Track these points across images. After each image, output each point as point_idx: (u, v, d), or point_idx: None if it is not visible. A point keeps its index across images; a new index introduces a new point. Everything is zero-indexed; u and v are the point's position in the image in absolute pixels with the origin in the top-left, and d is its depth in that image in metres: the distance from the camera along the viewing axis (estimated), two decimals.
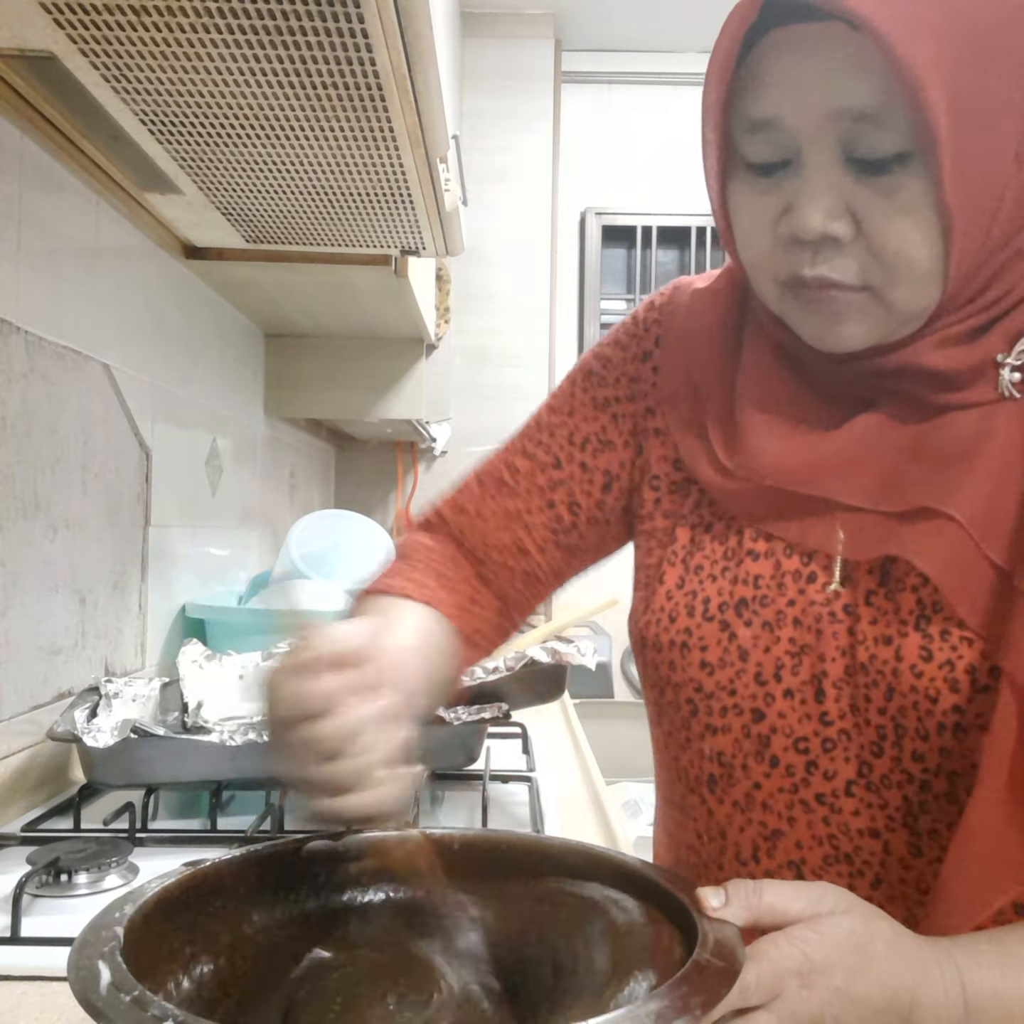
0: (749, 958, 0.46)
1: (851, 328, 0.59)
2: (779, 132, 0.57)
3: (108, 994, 0.41)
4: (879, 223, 0.55)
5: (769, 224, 0.59)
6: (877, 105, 0.53)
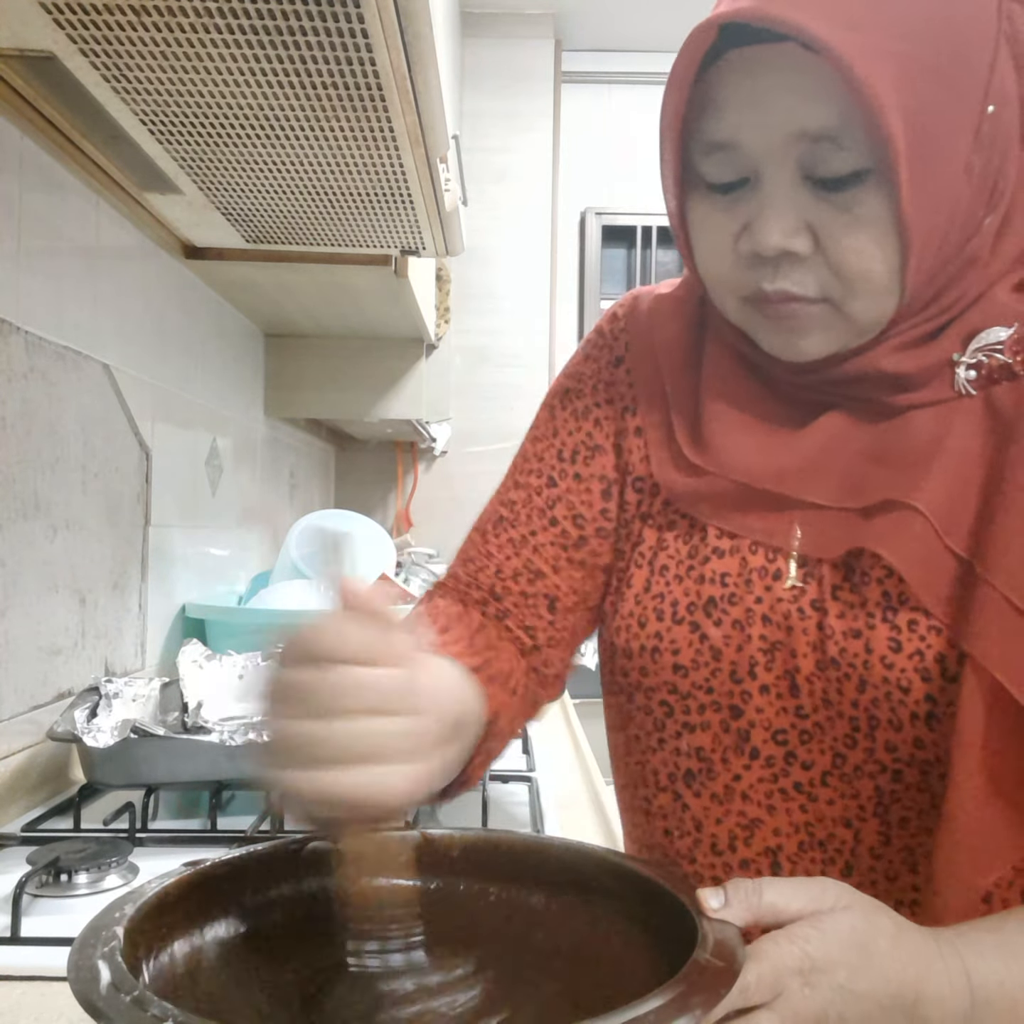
0: (749, 957, 0.46)
1: (812, 339, 0.60)
2: (737, 153, 0.58)
3: (108, 994, 0.41)
4: (837, 238, 0.56)
5: (729, 241, 0.60)
6: (835, 126, 0.54)
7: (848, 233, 0.56)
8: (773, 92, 0.55)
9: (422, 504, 2.85)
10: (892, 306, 0.58)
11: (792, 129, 0.55)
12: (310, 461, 2.61)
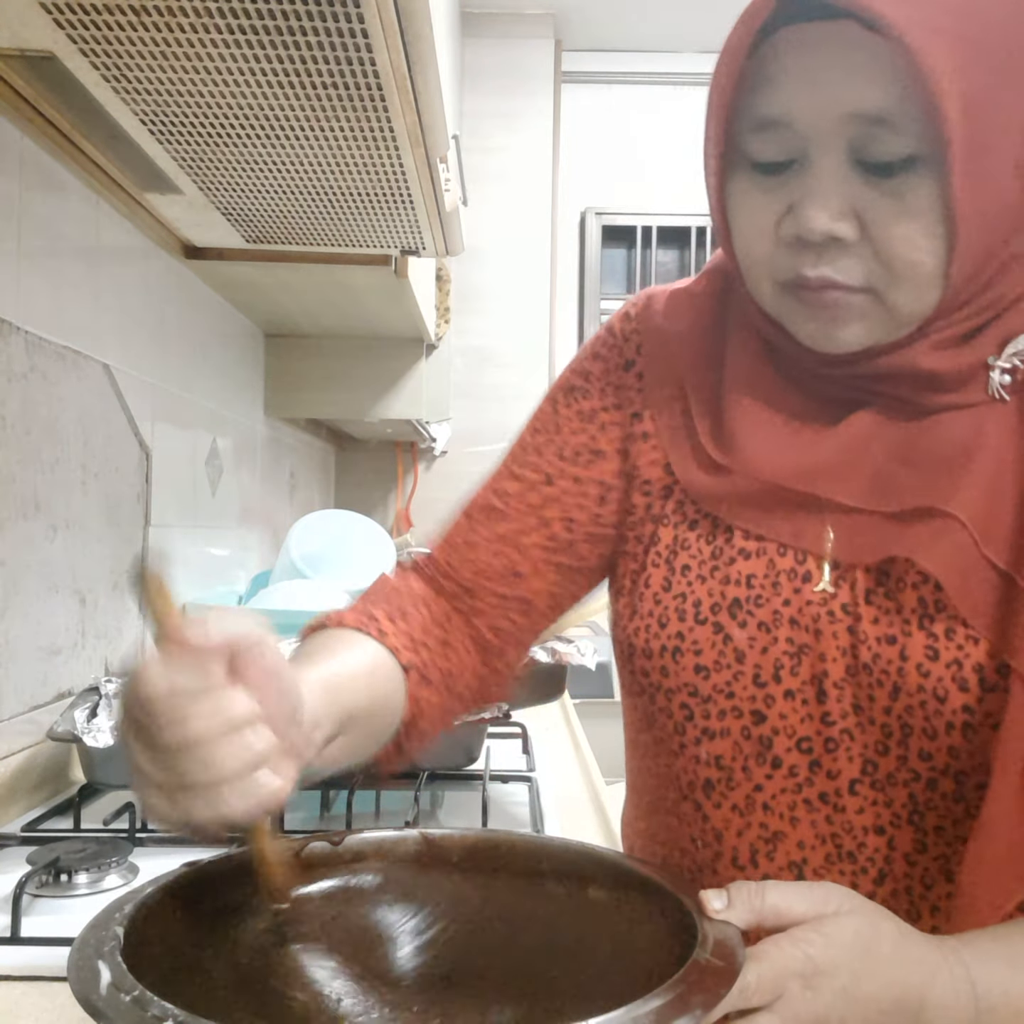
0: (750, 958, 0.46)
1: (850, 330, 0.59)
2: (787, 131, 0.56)
3: (108, 994, 0.41)
4: (885, 225, 0.55)
5: (772, 223, 0.58)
6: (892, 108, 0.52)
7: (897, 221, 0.55)
8: (829, 70, 0.53)
9: (422, 504, 2.85)
10: (935, 299, 0.57)
11: (847, 109, 0.53)
12: (310, 461, 2.61)
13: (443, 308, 2.48)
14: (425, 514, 2.84)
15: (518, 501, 0.74)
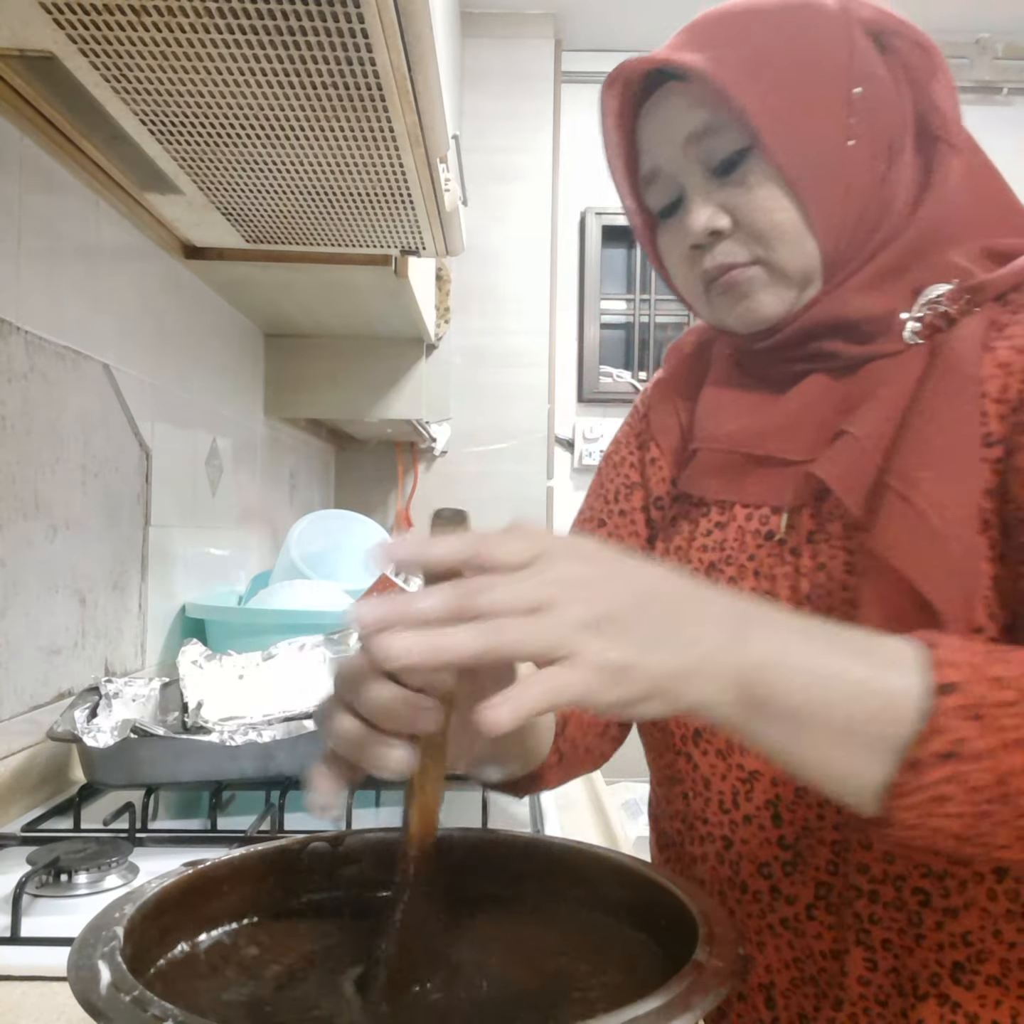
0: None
1: (759, 299, 0.69)
2: (662, 177, 0.72)
3: (108, 994, 0.41)
4: (744, 206, 0.68)
5: (682, 252, 0.72)
6: (711, 120, 0.68)
7: (750, 198, 0.67)
8: (669, 119, 0.70)
9: (422, 504, 2.85)
10: (813, 250, 0.67)
11: (684, 135, 0.69)
12: (310, 461, 2.61)
13: (443, 308, 2.48)
14: (425, 514, 2.84)
15: None
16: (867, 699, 0.47)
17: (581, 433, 3.00)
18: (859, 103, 0.67)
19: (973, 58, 2.95)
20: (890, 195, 0.68)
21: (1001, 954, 0.60)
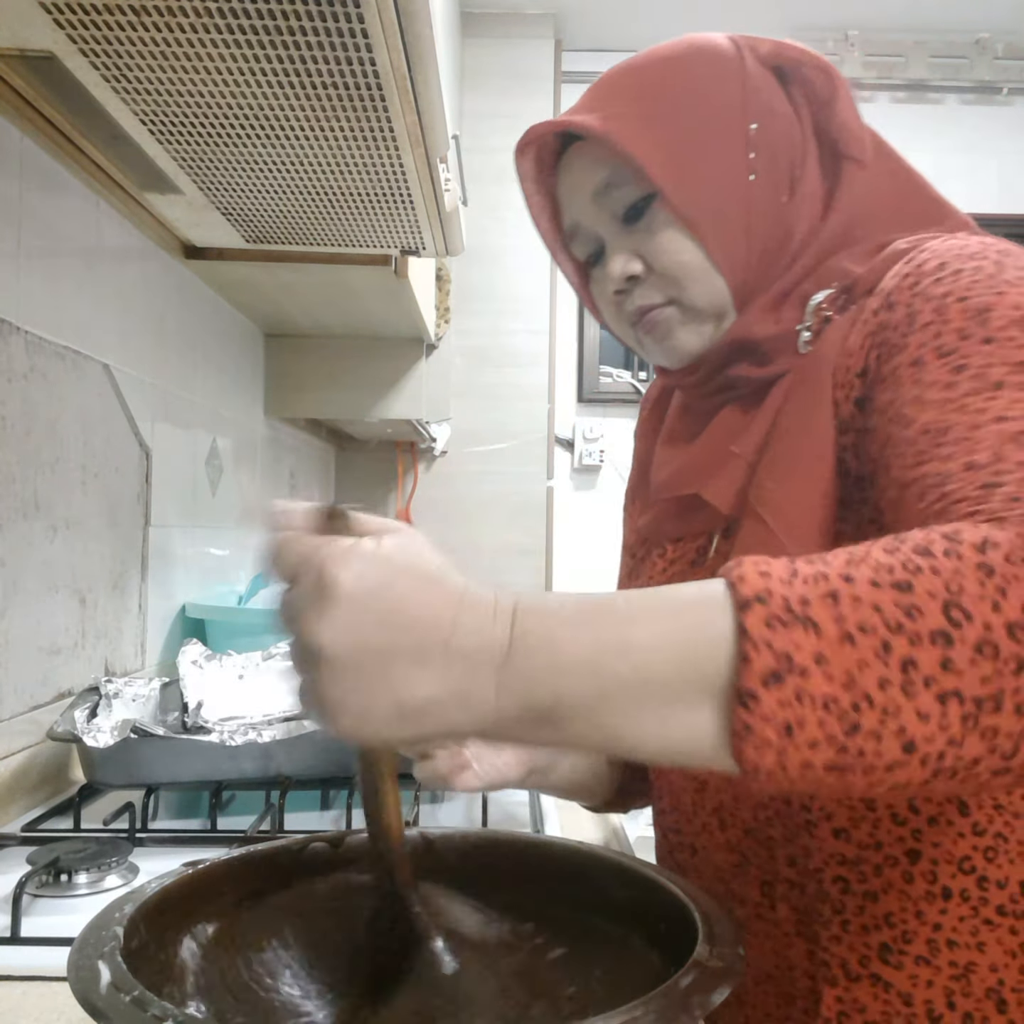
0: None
1: (680, 336, 0.73)
2: (582, 230, 0.76)
3: (108, 994, 0.41)
4: (652, 251, 0.71)
5: (609, 298, 0.75)
6: (611, 175, 0.72)
7: (656, 241, 0.71)
8: (577, 176, 0.74)
9: (422, 504, 2.85)
10: (721, 286, 0.71)
11: (591, 190, 0.73)
12: (310, 461, 2.61)
13: (443, 308, 2.48)
14: (425, 514, 2.84)
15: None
16: (668, 651, 0.42)
17: (581, 433, 3.00)
18: (757, 138, 0.70)
19: (973, 58, 2.95)
20: (793, 221, 0.71)
21: (927, 935, 0.61)
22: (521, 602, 0.44)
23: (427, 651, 0.42)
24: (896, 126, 3.42)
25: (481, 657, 0.43)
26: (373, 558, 0.43)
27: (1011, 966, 0.61)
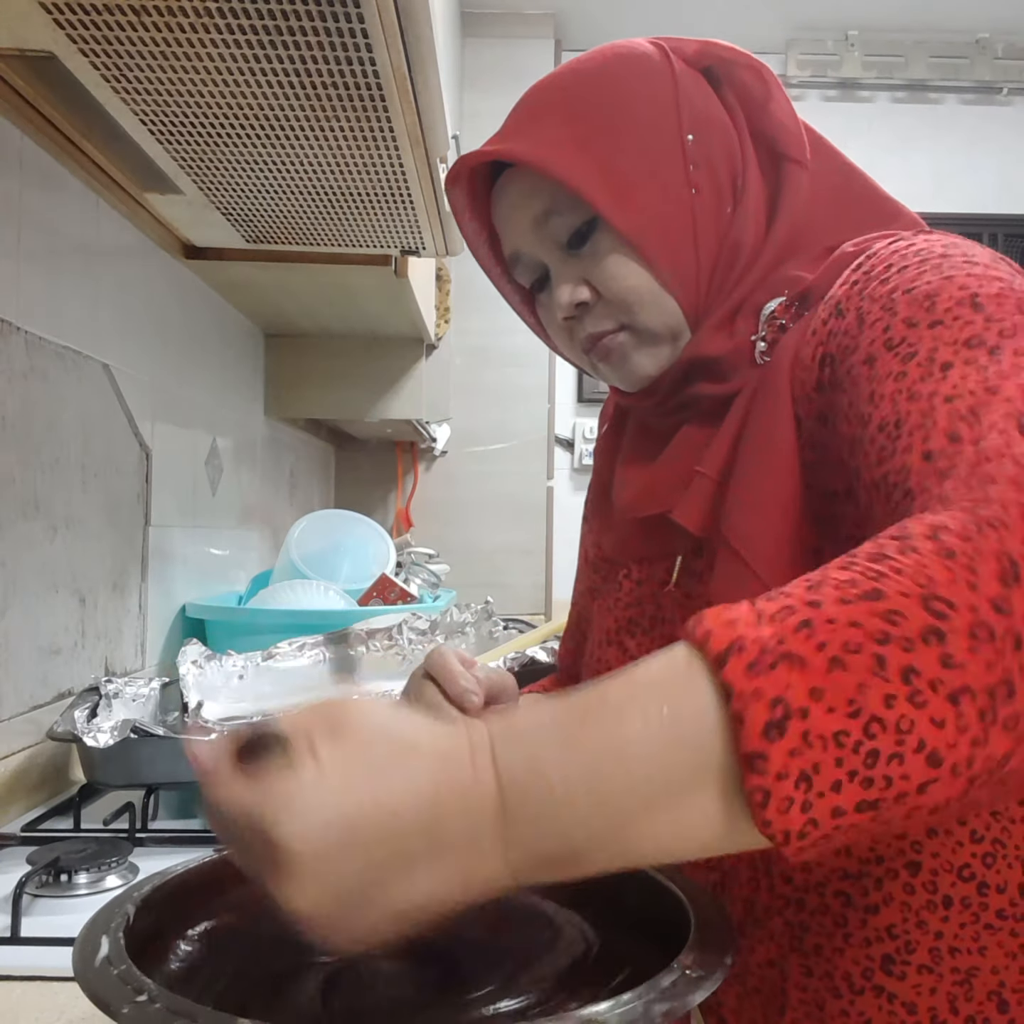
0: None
1: (636, 361, 0.71)
2: (523, 259, 0.73)
3: (100, 967, 0.43)
4: (599, 276, 0.69)
5: (559, 324, 0.73)
6: (548, 203, 0.69)
7: (603, 267, 0.68)
8: (513, 205, 0.71)
9: (422, 504, 2.85)
10: (673, 307, 0.69)
11: (529, 219, 0.70)
12: (310, 461, 2.61)
13: (443, 308, 2.48)
14: (425, 514, 2.84)
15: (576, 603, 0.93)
16: (660, 743, 0.38)
17: (581, 433, 3.00)
18: (695, 150, 0.68)
19: (973, 58, 2.95)
20: (740, 232, 0.69)
21: (929, 944, 0.61)
22: (497, 740, 0.40)
23: (412, 854, 0.38)
24: (896, 126, 3.41)
25: (474, 829, 0.39)
26: (315, 789, 0.38)
27: (1011, 968, 0.61)
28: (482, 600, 1.46)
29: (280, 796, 0.38)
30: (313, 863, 0.37)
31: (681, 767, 0.38)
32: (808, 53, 2.96)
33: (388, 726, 0.41)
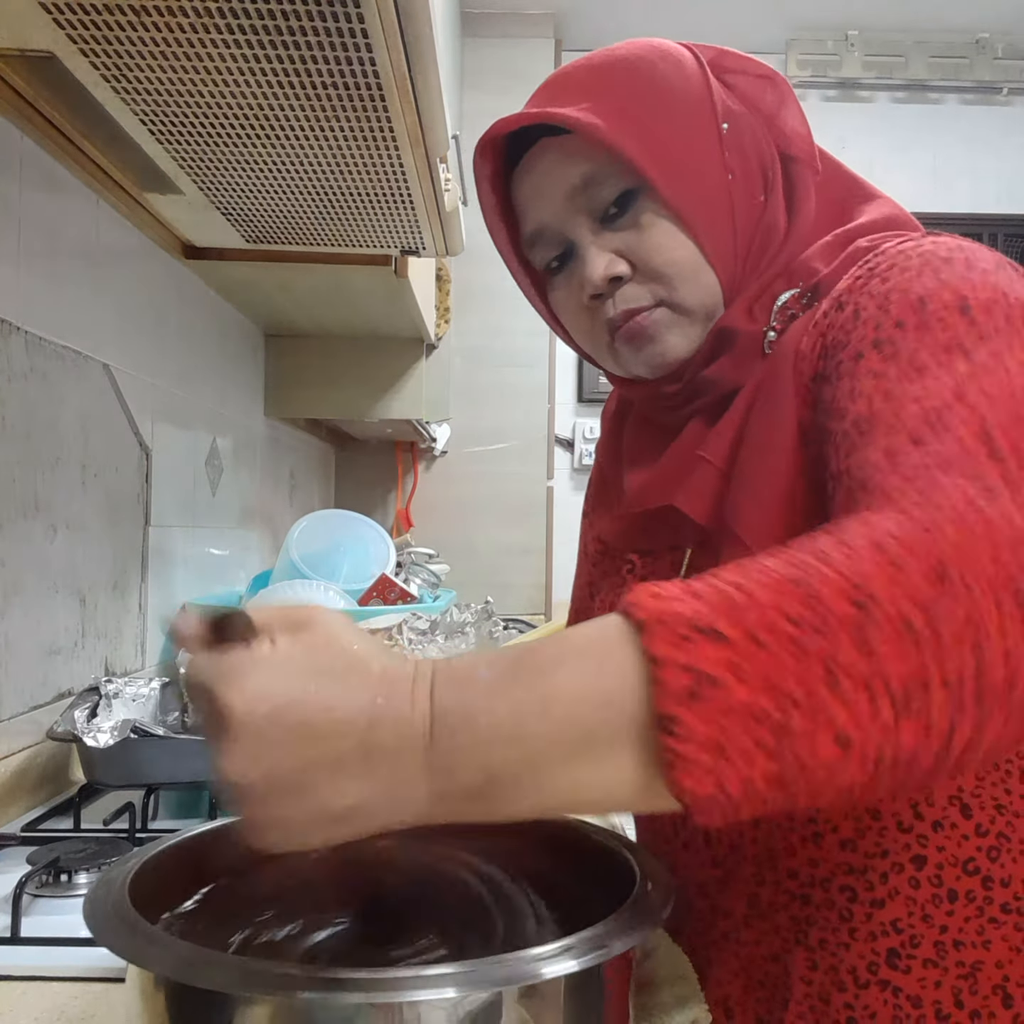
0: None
1: (668, 340, 0.70)
2: (547, 233, 0.71)
3: (97, 903, 0.48)
4: (640, 247, 0.68)
5: (579, 305, 0.71)
6: (594, 170, 0.67)
7: (644, 239, 0.67)
8: (547, 175, 0.70)
9: (422, 504, 2.85)
10: (713, 283, 0.68)
11: (565, 189, 0.69)
12: (310, 461, 2.61)
13: (443, 308, 2.48)
14: (425, 514, 2.84)
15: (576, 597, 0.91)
16: (584, 698, 0.40)
17: (581, 433, 3.00)
18: (729, 139, 0.69)
19: (973, 58, 2.95)
20: (772, 221, 0.70)
21: (934, 937, 0.61)
22: (438, 678, 0.42)
23: (344, 758, 0.40)
24: (896, 126, 3.41)
25: (403, 750, 0.41)
26: (267, 668, 0.41)
27: (1016, 961, 0.61)
28: (482, 600, 1.46)
29: (233, 666, 0.41)
30: (246, 729, 0.40)
31: (600, 724, 0.40)
32: (808, 53, 2.96)
33: (346, 640, 0.43)
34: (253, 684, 0.41)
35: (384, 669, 0.42)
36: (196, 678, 0.42)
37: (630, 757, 0.40)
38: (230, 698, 0.40)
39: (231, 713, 0.40)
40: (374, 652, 0.43)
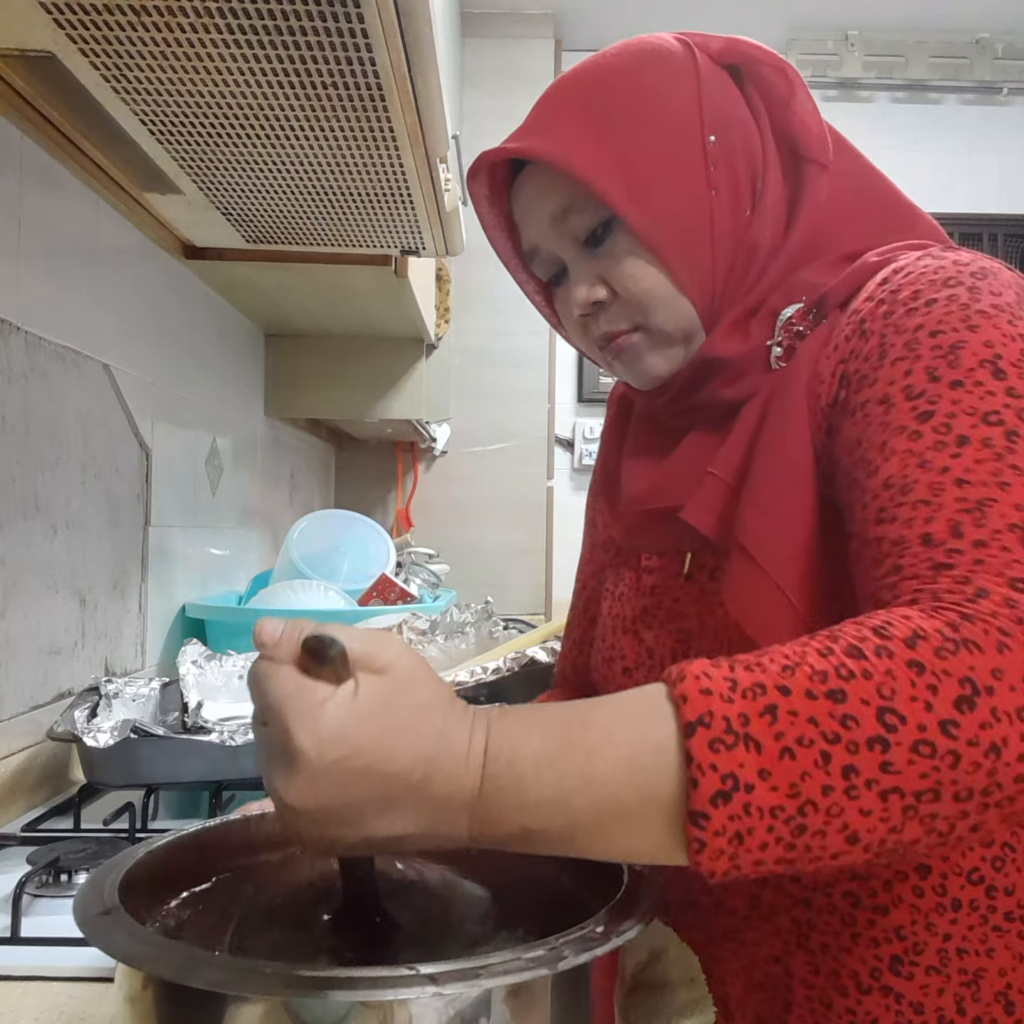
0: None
1: (649, 361, 0.71)
2: (542, 253, 0.74)
3: (87, 902, 0.48)
4: (617, 275, 0.69)
5: (575, 319, 0.74)
6: (567, 200, 0.69)
7: (620, 267, 0.69)
8: (532, 200, 0.72)
9: (422, 504, 2.85)
10: (688, 309, 0.69)
11: (547, 215, 0.71)
12: (310, 461, 2.61)
13: (443, 308, 2.48)
14: (425, 514, 2.84)
15: (579, 591, 0.95)
16: (626, 782, 0.45)
17: (581, 433, 3.00)
18: (716, 151, 0.68)
19: (973, 58, 2.95)
20: (757, 235, 0.69)
21: (937, 945, 0.61)
22: (492, 738, 0.46)
23: (395, 801, 0.45)
24: (896, 126, 3.41)
25: (452, 803, 0.45)
26: (344, 714, 0.44)
27: (1019, 969, 0.61)
28: (482, 600, 1.46)
29: (314, 698, 0.44)
30: (314, 766, 0.43)
31: (637, 806, 0.45)
32: (808, 53, 2.96)
33: (421, 687, 0.47)
34: (327, 727, 0.44)
35: (446, 723, 0.46)
36: (273, 692, 0.45)
37: (659, 836, 0.45)
38: (302, 737, 0.43)
39: (301, 750, 0.43)
40: (442, 705, 0.47)
